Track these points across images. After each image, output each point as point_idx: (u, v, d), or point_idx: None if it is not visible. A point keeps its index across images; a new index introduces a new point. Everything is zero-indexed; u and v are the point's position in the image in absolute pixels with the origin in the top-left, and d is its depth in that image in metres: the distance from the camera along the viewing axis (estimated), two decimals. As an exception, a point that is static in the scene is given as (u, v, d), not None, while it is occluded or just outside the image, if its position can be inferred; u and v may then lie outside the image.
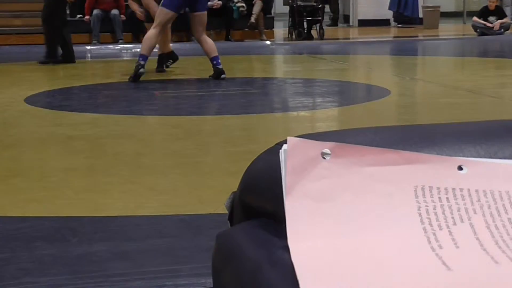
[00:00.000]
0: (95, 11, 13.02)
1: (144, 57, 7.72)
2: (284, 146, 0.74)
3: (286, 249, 0.67)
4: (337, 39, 14.67)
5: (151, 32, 7.73)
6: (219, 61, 7.91)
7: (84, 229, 2.88)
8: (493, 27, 14.12)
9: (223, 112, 5.82)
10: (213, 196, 3.28)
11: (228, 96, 6.92)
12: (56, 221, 2.98)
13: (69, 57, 9.78)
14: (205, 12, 7.93)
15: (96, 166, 3.97)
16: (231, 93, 7.05)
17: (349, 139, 0.77)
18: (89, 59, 11.55)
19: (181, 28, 13.22)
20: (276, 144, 0.80)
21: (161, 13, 7.68)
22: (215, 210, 3.03)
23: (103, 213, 3.07)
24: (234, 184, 0.87)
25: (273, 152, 0.77)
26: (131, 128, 5.13)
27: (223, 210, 2.86)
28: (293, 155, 0.73)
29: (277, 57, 12.00)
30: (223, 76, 7.89)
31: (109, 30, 13.22)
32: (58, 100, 6.73)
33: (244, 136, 4.82)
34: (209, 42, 8.03)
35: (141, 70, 7.69)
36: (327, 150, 0.74)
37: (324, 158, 0.73)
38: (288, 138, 0.75)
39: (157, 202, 3.22)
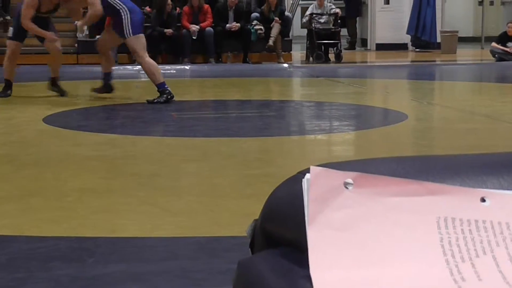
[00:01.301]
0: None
1: (162, 83, 7.74)
2: (307, 175, 0.74)
3: (308, 279, 0.67)
4: (355, 62, 14.69)
5: (146, 61, 7.74)
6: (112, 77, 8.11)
7: (100, 249, 2.89)
8: (511, 53, 14.09)
9: (240, 135, 5.83)
10: (228, 219, 3.28)
11: (245, 118, 6.93)
12: (72, 241, 2.98)
13: None
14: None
15: (113, 186, 3.98)
16: (248, 116, 7.07)
17: (371, 169, 0.77)
18: (107, 79, 11.59)
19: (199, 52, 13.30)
20: (298, 172, 0.80)
21: (138, 41, 7.65)
22: (230, 233, 3.03)
23: (119, 234, 3.07)
24: (249, 207, 0.87)
25: (295, 181, 0.77)
26: (148, 149, 5.14)
27: (238, 232, 2.86)
28: (316, 185, 0.73)
29: (295, 80, 12.03)
30: (113, 92, 8.13)
31: (126, 51, 13.29)
32: (76, 120, 6.77)
33: (260, 159, 4.82)
34: (111, 59, 8.16)
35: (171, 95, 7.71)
36: (349, 180, 0.74)
37: (347, 188, 0.73)
38: (311, 167, 0.75)
39: (172, 223, 3.22)
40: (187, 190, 3.88)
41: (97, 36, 13.39)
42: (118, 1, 7.56)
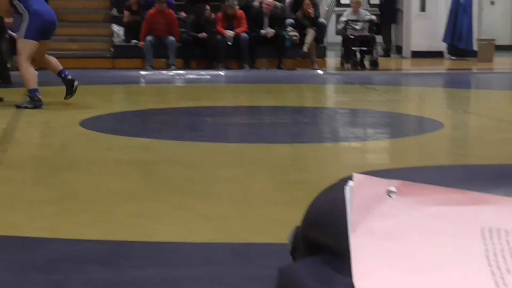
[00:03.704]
0: (148, 37, 13.20)
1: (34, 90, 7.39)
2: (350, 183, 0.74)
3: (350, 286, 0.67)
4: (390, 70, 14.61)
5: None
6: (67, 73, 7.73)
7: (134, 254, 2.90)
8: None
9: (274, 141, 5.82)
10: (262, 225, 3.28)
11: (279, 124, 6.93)
12: (107, 244, 3.00)
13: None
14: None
15: (147, 191, 4.00)
16: (282, 122, 7.06)
17: (414, 177, 0.77)
18: (142, 84, 11.70)
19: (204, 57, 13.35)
20: (340, 180, 0.80)
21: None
22: (264, 239, 3.03)
23: (153, 239, 3.08)
24: (283, 214, 0.87)
25: (337, 188, 0.77)
26: (182, 154, 5.16)
27: (272, 239, 2.86)
28: (359, 192, 0.73)
29: (329, 87, 12.00)
30: (76, 83, 7.66)
31: (162, 56, 13.38)
32: (111, 124, 6.82)
33: (294, 165, 4.82)
34: (52, 60, 7.77)
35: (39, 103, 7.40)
36: (393, 188, 0.73)
37: (390, 196, 0.73)
38: (354, 174, 0.75)
39: (207, 229, 3.22)
40: (221, 196, 3.88)
41: (133, 41, 13.53)
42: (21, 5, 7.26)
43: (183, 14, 14.19)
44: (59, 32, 12.09)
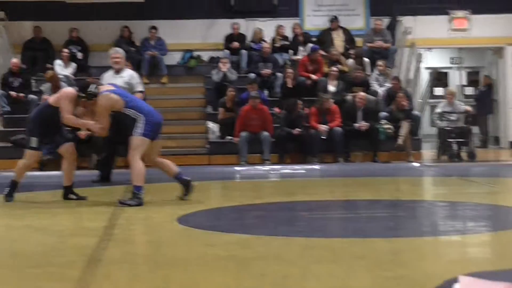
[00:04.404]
0: (243, 133, 13.41)
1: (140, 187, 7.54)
2: (456, 286, 0.72)
3: None
4: (488, 161, 14.32)
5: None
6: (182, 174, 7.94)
7: None
8: None
9: (371, 235, 5.74)
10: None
11: (375, 218, 6.84)
12: None
13: None
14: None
15: (244, 287, 3.98)
16: (378, 216, 6.98)
17: (525, 279, 0.74)
18: (238, 180, 11.82)
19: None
20: (446, 281, 0.78)
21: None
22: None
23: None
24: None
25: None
26: (278, 250, 5.14)
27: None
28: (468, 296, 0.70)
29: (426, 179, 11.82)
30: (192, 183, 7.89)
31: (256, 151, 13.54)
32: (208, 220, 6.88)
33: (393, 260, 4.72)
34: (166, 162, 7.96)
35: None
36: (503, 292, 0.71)
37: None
38: (460, 277, 0.73)
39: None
40: (319, 292, 3.83)
41: (228, 137, 13.76)
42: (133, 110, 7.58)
43: (276, 109, 14.39)
44: (157, 131, 12.46)
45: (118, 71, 10.40)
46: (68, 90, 7.92)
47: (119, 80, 10.09)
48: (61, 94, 7.90)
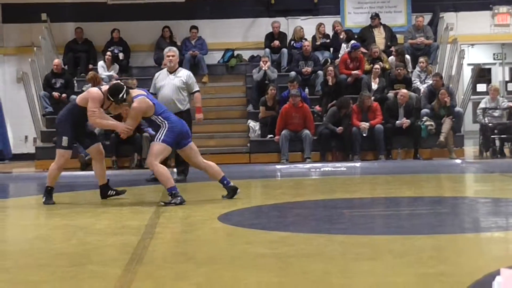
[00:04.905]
0: (284, 131, 13.41)
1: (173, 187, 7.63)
2: (497, 278, 0.72)
3: None
4: (531, 157, 14.12)
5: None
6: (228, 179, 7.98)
7: None
8: None
9: (412, 232, 5.71)
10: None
11: (417, 215, 6.81)
12: None
13: None
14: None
15: (286, 284, 4.00)
16: (420, 213, 6.94)
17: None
18: (279, 178, 11.83)
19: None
20: (487, 275, 0.78)
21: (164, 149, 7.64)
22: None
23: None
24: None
25: (482, 285, 0.75)
26: (320, 247, 5.14)
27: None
28: None
29: (468, 176, 11.71)
30: (238, 191, 7.94)
31: (297, 150, 13.53)
32: (249, 218, 6.91)
33: (435, 257, 4.70)
34: (212, 166, 8.02)
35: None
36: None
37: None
38: (501, 269, 0.73)
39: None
40: (360, 289, 3.83)
41: (269, 136, 13.78)
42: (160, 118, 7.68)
43: (317, 107, 14.37)
44: (199, 130, 12.53)
45: (173, 71, 10.29)
46: (94, 91, 7.89)
47: (176, 80, 10.09)
48: (87, 94, 7.95)
